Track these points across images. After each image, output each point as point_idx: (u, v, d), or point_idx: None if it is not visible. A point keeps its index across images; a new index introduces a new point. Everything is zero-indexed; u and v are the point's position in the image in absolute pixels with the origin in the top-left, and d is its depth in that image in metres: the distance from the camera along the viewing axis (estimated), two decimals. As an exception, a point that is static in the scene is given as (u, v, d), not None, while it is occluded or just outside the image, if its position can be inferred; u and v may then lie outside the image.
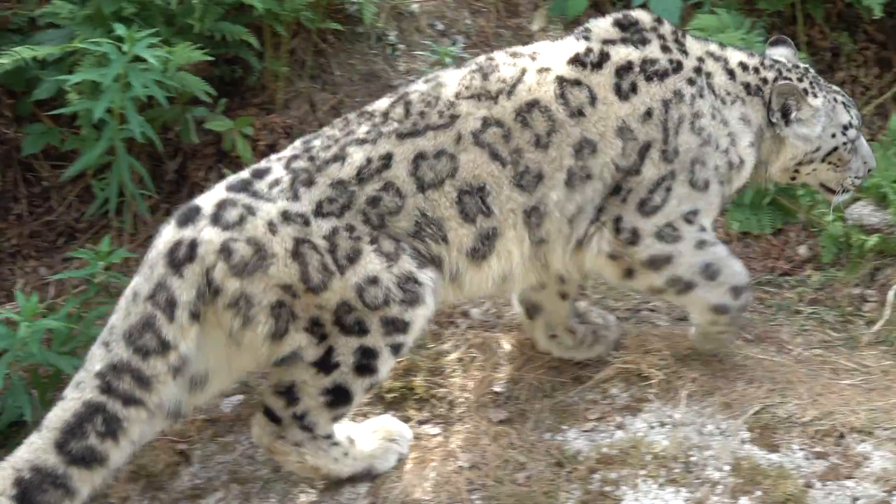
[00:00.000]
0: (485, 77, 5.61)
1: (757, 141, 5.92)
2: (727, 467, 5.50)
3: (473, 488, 5.52)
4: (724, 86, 5.84)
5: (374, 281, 5.33)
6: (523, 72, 5.62)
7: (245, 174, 5.52)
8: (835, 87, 6.11)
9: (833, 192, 6.09)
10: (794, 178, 6.12)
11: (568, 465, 5.59)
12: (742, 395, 5.83)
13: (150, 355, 5.24)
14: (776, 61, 6.02)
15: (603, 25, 5.80)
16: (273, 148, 6.85)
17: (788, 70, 5.99)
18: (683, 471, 5.51)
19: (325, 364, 5.36)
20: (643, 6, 7.10)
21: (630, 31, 5.76)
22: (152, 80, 6.30)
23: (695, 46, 5.86)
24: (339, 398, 5.44)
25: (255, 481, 5.70)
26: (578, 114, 5.54)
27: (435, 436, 5.81)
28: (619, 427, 5.75)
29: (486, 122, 5.51)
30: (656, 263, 5.71)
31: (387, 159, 5.45)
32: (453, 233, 5.47)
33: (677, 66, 5.71)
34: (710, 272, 5.78)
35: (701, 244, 5.75)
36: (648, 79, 5.64)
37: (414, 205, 5.43)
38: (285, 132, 7.09)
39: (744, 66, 5.93)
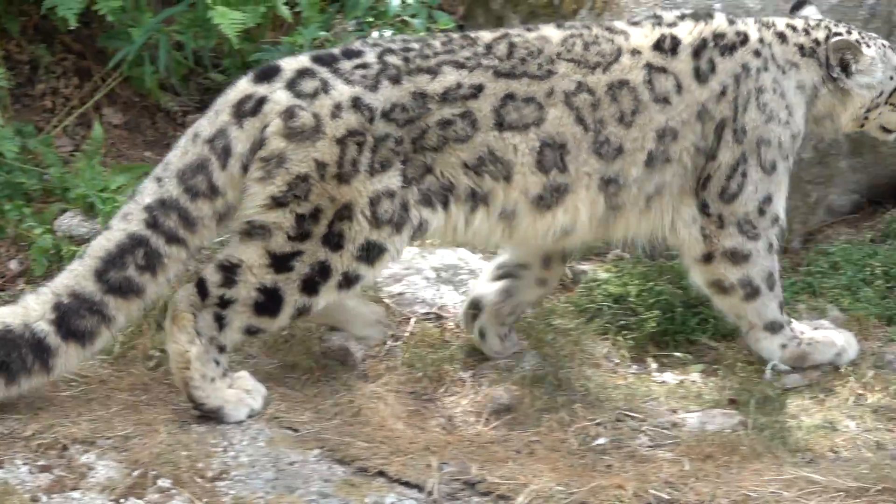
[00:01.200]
0: (585, 47, 5.97)
1: (809, 104, 6.30)
2: (-65, 487, 5.27)
3: None
4: (782, 54, 6.22)
5: (391, 195, 5.60)
6: (619, 51, 6.02)
7: (336, 50, 5.83)
8: (873, 34, 6.52)
9: (890, 132, 6.58)
10: (862, 126, 6.53)
11: None
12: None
13: (198, 197, 5.56)
14: (820, 20, 6.41)
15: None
16: None
17: (836, 25, 6.38)
18: None
19: (282, 262, 5.58)
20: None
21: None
22: None
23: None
24: (268, 304, 5.61)
25: None
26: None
27: None
28: None
29: (580, 87, 5.90)
30: (736, 257, 6.11)
31: (477, 90, 5.75)
32: (520, 177, 5.79)
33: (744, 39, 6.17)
34: (771, 281, 6.23)
35: (770, 247, 6.20)
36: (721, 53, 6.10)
37: (484, 140, 5.72)
38: None
39: (793, 28, 6.31)
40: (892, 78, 6.44)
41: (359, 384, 6.19)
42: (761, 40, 6.21)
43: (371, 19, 7.56)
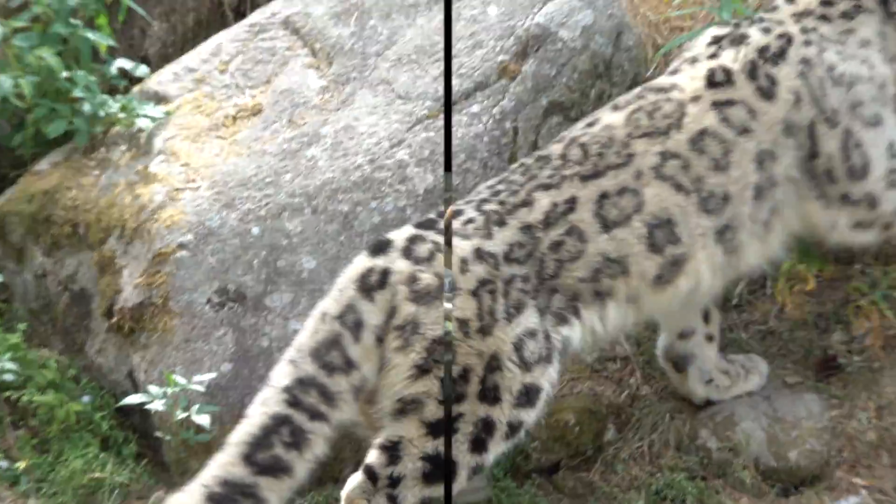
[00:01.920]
0: (650, 116, 5.89)
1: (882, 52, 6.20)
2: None
3: None
4: (830, 33, 6.10)
5: (532, 334, 5.51)
6: (681, 104, 5.92)
7: (432, 215, 5.83)
8: None
9: None
10: None
11: None
12: None
13: (335, 372, 5.44)
14: None
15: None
16: None
17: None
18: None
19: (440, 429, 5.38)
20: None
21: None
22: None
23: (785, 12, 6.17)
24: (437, 472, 5.41)
25: None
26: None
27: None
28: None
29: (665, 156, 5.81)
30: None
31: (571, 202, 5.71)
32: (636, 266, 5.72)
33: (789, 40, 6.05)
34: None
35: None
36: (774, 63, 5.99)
37: (596, 249, 5.65)
38: None
39: (828, 2, 6.17)
40: None
41: None
42: (804, 29, 6.12)
43: None
